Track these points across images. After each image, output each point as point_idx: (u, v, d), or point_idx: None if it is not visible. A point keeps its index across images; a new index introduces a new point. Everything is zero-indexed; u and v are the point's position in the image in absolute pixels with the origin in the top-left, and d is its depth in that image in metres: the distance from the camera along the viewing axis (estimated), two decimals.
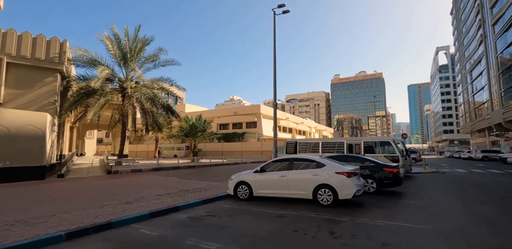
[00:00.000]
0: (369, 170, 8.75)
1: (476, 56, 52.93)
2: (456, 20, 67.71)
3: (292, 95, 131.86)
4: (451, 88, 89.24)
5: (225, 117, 44.66)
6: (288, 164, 7.49)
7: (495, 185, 10.90)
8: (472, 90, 57.85)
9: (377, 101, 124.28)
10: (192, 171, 17.95)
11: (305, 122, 58.47)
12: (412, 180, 12.82)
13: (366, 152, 13.37)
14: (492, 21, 42.16)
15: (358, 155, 9.42)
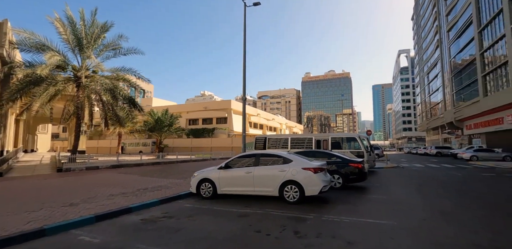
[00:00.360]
0: (335, 165, 8.72)
1: (432, 59, 57.17)
2: (416, 26, 72.46)
3: (264, 92, 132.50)
4: (410, 89, 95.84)
5: (194, 113, 43.30)
6: (255, 159, 7.13)
7: (449, 178, 11.60)
8: (429, 91, 62.60)
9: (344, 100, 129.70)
10: (156, 168, 16.93)
11: (276, 118, 58.93)
12: (375, 174, 13.23)
13: (333, 148, 13.53)
14: (447, 27, 45.63)
15: (325, 151, 9.40)
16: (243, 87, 14.06)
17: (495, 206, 6.36)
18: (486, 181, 10.66)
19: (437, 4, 50.68)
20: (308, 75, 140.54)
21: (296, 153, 9.27)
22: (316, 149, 14.00)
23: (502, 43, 28.59)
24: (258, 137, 16.02)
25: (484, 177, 12.14)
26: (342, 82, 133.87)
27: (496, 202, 6.75)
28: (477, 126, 37.55)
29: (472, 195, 7.77)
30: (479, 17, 33.58)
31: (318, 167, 6.54)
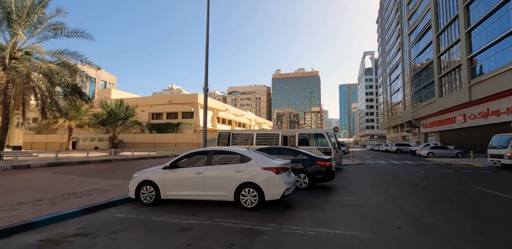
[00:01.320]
0: (302, 163, 7.89)
1: (394, 61, 60.19)
2: (380, 28, 75.88)
3: (234, 87, 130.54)
4: (374, 89, 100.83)
5: (158, 106, 40.52)
6: (207, 158, 5.95)
7: (413, 176, 11.48)
8: (390, 92, 66.06)
9: (313, 98, 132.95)
10: (104, 166, 14.92)
11: (245, 114, 57.90)
12: (342, 172, 12.82)
13: (300, 144, 12.83)
14: (408, 31, 48.01)
15: (291, 148, 8.57)
16: (205, 77, 12.70)
17: (465, 207, 5.94)
18: (448, 178, 10.65)
19: (400, 9, 53.12)
20: (279, 72, 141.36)
21: (259, 149, 8.27)
22: (283, 145, 13.19)
23: (456, 48, 30.43)
24: (222, 131, 14.80)
25: (444, 174, 12.27)
26: (311, 80, 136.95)
27: (463, 202, 6.38)
28: (432, 125, 40.14)
29: (439, 195, 7.42)
30: (437, 22, 35.54)
31: (281, 166, 5.56)
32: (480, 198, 6.84)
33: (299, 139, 12.86)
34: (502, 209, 5.72)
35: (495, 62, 23.70)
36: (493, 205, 6.05)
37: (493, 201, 6.45)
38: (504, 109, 23.99)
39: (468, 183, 9.26)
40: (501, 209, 5.72)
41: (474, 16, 26.54)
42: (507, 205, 6.07)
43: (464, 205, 6.05)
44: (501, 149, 13.95)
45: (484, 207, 5.86)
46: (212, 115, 42.89)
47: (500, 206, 5.99)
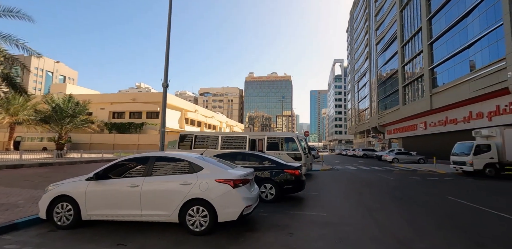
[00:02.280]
0: (268, 171, 6.85)
1: (362, 69, 62.73)
2: (350, 38, 79.08)
3: (206, 88, 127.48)
4: (342, 95, 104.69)
5: (121, 105, 37.37)
6: (147, 166, 4.63)
7: (383, 183, 11.05)
8: (358, 98, 68.70)
9: (285, 102, 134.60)
10: (40, 170, 12.63)
11: (216, 116, 56.19)
12: (312, 179, 12.07)
13: (269, 149, 11.87)
14: (376, 41, 50.19)
15: (257, 153, 7.49)
16: (165, 72, 11.25)
17: (451, 224, 5.29)
18: (419, 187, 10.32)
19: (369, 19, 55.53)
20: (252, 75, 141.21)
21: (219, 155, 7.09)
22: (251, 149, 12.13)
23: (419, 58, 32.01)
24: (184, 133, 13.32)
25: (413, 181, 12.05)
26: (284, 84, 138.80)
27: (447, 217, 5.77)
28: (396, 131, 41.94)
29: (417, 208, 6.81)
30: (402, 34, 37.35)
31: (240, 177, 4.43)
32: (459, 211, 6.32)
33: (268, 143, 11.89)
34: (491, 227, 5.15)
35: (454, 73, 25.06)
36: (478, 221, 5.49)
37: (476, 215, 5.92)
38: (461, 118, 25.39)
39: (440, 193, 8.90)
40: (491, 227, 5.14)
41: (436, 29, 28.04)
42: (490, 220, 5.55)
43: (449, 222, 5.40)
44: (464, 156, 14.23)
45: (469, 224, 5.26)
46: (180, 116, 40.70)
47: (486, 222, 5.44)
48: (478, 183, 11.48)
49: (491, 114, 21.55)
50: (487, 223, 5.29)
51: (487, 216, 5.79)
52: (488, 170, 13.58)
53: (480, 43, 21.44)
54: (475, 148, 13.74)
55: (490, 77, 19.98)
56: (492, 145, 13.62)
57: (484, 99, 21.98)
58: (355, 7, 70.90)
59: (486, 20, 20.54)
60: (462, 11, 23.23)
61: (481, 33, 21.08)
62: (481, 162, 13.60)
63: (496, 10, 19.41)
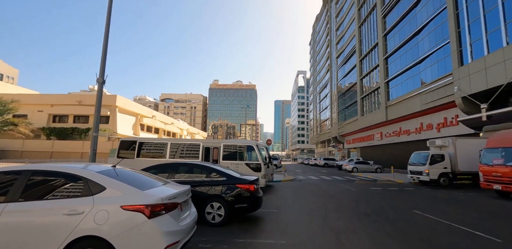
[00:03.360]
0: (216, 187, 5.49)
1: (324, 81, 65.27)
2: (312, 50, 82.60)
3: (168, 94, 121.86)
4: (305, 106, 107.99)
5: (63, 107, 32.94)
6: (15, 184, 3.00)
7: (347, 196, 10.33)
8: (319, 109, 71.03)
9: (249, 111, 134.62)
10: None
11: (176, 123, 53.14)
12: (273, 191, 10.93)
13: (226, 158, 10.51)
14: (336, 54, 52.64)
15: (204, 164, 6.00)
16: (101, 65, 9.43)
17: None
18: (383, 199, 9.77)
19: (330, 33, 58.36)
20: (217, 82, 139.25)
21: (154, 167, 5.58)
22: (204, 159, 10.63)
23: (376, 72, 33.78)
24: (125, 139, 11.32)
25: (375, 192, 11.59)
26: (248, 93, 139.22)
27: (420, 236, 4.95)
28: (355, 141, 43.49)
29: (388, 227, 5.96)
30: (360, 48, 39.44)
31: (161, 201, 3.00)
32: (431, 230, 5.59)
33: (224, 151, 10.53)
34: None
35: (407, 87, 26.57)
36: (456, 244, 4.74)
37: (451, 235, 5.20)
38: (413, 129, 26.79)
39: (405, 206, 8.35)
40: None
41: (391, 45, 29.85)
42: (468, 241, 4.84)
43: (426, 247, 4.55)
44: (420, 166, 14.37)
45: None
46: (135, 122, 37.32)
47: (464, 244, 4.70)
48: (436, 193, 11.39)
49: (439, 126, 22.94)
50: (465, 245, 4.55)
51: (463, 235, 5.11)
52: (442, 180, 13.80)
53: (430, 59, 22.99)
54: (430, 158, 13.94)
55: (439, 91, 21.33)
56: (445, 155, 13.94)
57: (433, 111, 23.40)
58: (318, 22, 74.45)
59: (435, 38, 22.13)
60: (414, 29, 24.93)
61: (430, 49, 22.64)
62: (436, 172, 13.80)
63: (443, 29, 20.97)
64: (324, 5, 65.24)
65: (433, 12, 22.32)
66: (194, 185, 5.47)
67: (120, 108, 33.36)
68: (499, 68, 15.56)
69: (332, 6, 57.23)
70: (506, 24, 15.60)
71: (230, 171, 5.99)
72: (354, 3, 41.26)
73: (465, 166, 13.68)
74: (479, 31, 17.27)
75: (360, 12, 39.48)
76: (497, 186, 9.68)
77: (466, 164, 13.67)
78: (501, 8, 15.90)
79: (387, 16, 30.91)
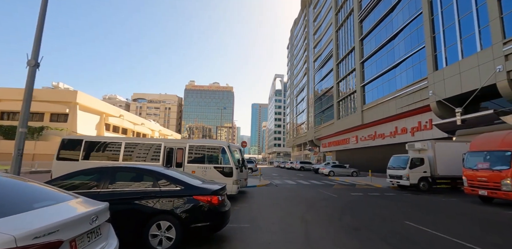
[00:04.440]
0: (166, 200, 4.05)
1: (301, 85, 65.53)
2: (290, 54, 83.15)
3: (140, 94, 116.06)
4: (282, 109, 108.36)
5: (13, 103, 29.11)
6: None
7: (329, 203, 9.29)
8: (296, 112, 71.17)
9: (226, 113, 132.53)
10: None
11: (147, 124, 50.02)
12: (246, 198, 9.60)
13: (192, 161, 9.02)
14: (313, 58, 52.94)
15: (152, 168, 4.45)
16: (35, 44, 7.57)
17: None
18: (368, 208, 8.83)
19: (307, 37, 58.82)
20: (193, 83, 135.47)
21: (76, 173, 4.03)
22: (166, 162, 9.05)
23: (352, 76, 33.98)
24: (68, 138, 9.32)
25: (357, 199, 10.69)
26: (225, 95, 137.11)
27: None
28: (330, 144, 43.52)
29: (382, 245, 4.88)
30: (337, 52, 39.73)
31: (16, 246, 1.57)
32: (433, 247, 4.58)
33: (190, 153, 9.03)
34: None
35: (383, 90, 26.70)
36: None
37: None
38: (388, 133, 26.92)
39: (394, 216, 7.43)
40: None
41: (367, 49, 30.08)
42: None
43: None
44: (400, 170, 13.85)
45: None
46: (99, 121, 34.17)
47: None
48: (419, 200, 10.76)
49: (414, 129, 23.09)
50: None
51: None
52: (422, 184, 13.35)
53: (405, 64, 23.17)
54: (410, 162, 13.44)
55: (414, 95, 21.44)
56: (425, 159, 13.55)
57: (408, 115, 23.56)
58: (296, 26, 75.10)
59: (411, 42, 22.33)
60: (390, 34, 25.15)
61: (406, 54, 22.83)
62: (416, 176, 13.33)
63: (419, 34, 21.17)
64: (302, 9, 65.88)
65: (409, 17, 22.58)
66: (134, 197, 4.00)
67: (82, 105, 30.26)
68: (473, 72, 15.66)
69: (310, 10, 57.81)
70: (480, 30, 15.79)
71: (187, 178, 4.57)
72: (331, 8, 41.63)
73: (444, 170, 13.35)
74: (454, 36, 17.45)
75: (337, 17, 39.85)
76: (482, 191, 9.16)
77: (445, 168, 13.34)
78: (475, 14, 16.12)
79: (363, 21, 31.22)
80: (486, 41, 15.30)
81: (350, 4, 34.94)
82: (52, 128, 28.75)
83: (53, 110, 29.37)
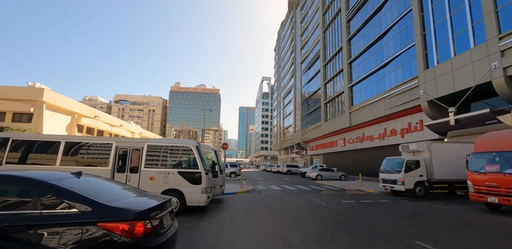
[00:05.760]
0: (47, 231, 2.37)
1: (288, 87, 64.62)
2: (277, 56, 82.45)
3: (123, 95, 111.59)
4: (269, 112, 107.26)
5: None
6: None
7: (318, 215, 7.81)
8: (283, 115, 70.09)
9: (212, 116, 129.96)
10: None
11: (126, 125, 47.28)
12: (219, 210, 7.95)
13: (150, 165, 7.29)
14: (300, 60, 52.14)
15: (24, 175, 2.79)
16: None
17: None
18: (364, 220, 7.42)
19: (294, 39, 58.15)
20: (178, 85, 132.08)
21: None
22: (119, 166, 7.27)
23: (340, 77, 33.13)
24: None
25: (350, 208, 9.28)
26: (212, 98, 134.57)
27: None
28: (318, 147, 42.45)
29: None
30: (324, 53, 38.95)
31: None
32: None
33: (148, 155, 7.30)
34: None
35: (371, 91, 25.82)
36: None
37: None
38: (376, 135, 25.99)
39: (400, 232, 6.01)
40: None
41: (355, 49, 29.29)
42: None
43: None
44: (394, 174, 12.60)
45: None
46: (70, 122, 31.49)
47: None
48: (419, 208, 9.48)
49: (403, 131, 22.20)
50: None
51: None
52: (418, 189, 12.14)
53: (394, 63, 22.36)
54: (405, 165, 12.22)
55: (404, 95, 20.55)
56: (421, 161, 12.38)
57: (398, 116, 22.68)
58: (283, 28, 74.57)
59: (400, 41, 21.55)
60: (378, 32, 24.38)
61: (395, 53, 22.01)
62: (412, 180, 12.12)
63: (409, 31, 20.40)
64: (289, 11, 65.40)
65: (398, 15, 21.84)
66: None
67: (50, 104, 27.63)
68: (467, 70, 14.80)
69: (297, 12, 57.28)
70: (474, 25, 15.01)
71: (107, 190, 2.91)
72: (319, 9, 41.00)
73: (441, 173, 12.21)
74: (445, 33, 16.65)
75: (324, 17, 39.20)
76: (492, 198, 7.94)
77: (442, 171, 12.21)
78: (468, 9, 15.36)
79: (351, 21, 30.52)
80: (480, 37, 14.49)
81: (337, 4, 34.28)
82: (13, 128, 25.92)
83: (16, 110, 26.58)
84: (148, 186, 6.97)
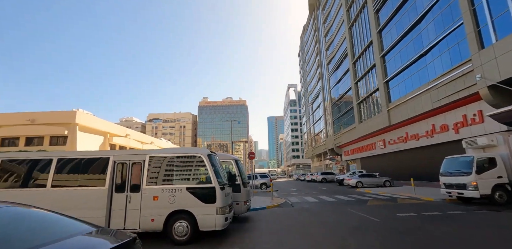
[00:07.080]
0: None
1: (315, 91, 62.07)
2: (302, 61, 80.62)
3: (155, 114, 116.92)
4: (298, 119, 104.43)
5: (12, 128, 27.99)
6: None
7: (373, 240, 5.78)
8: (313, 121, 67.16)
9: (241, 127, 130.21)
10: None
11: (157, 142, 48.19)
12: (240, 233, 6.33)
13: (153, 182, 5.96)
14: (327, 61, 49.75)
15: None
16: None
17: None
18: (443, 245, 5.25)
19: (319, 41, 56.15)
20: (206, 100, 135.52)
21: None
22: (116, 185, 6.05)
23: (373, 73, 30.35)
24: None
25: (412, 224, 7.10)
26: (239, 109, 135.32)
27: None
28: (353, 152, 39.08)
29: None
30: (352, 50, 36.43)
31: None
32: None
33: (151, 169, 5.99)
34: None
35: (412, 84, 22.84)
36: None
37: None
38: (423, 132, 22.68)
39: None
40: None
41: (387, 41, 26.59)
42: None
43: None
44: (462, 176, 9.97)
45: None
46: (103, 142, 32.45)
47: None
48: (510, 222, 6.94)
49: (457, 125, 18.87)
50: None
51: None
52: (498, 194, 9.38)
53: (438, 48, 19.44)
54: (476, 164, 9.59)
55: (455, 83, 17.50)
56: (497, 158, 9.66)
57: (447, 109, 19.47)
58: (305, 32, 73.11)
59: (442, 22, 18.73)
60: (414, 18, 21.70)
61: (438, 37, 19.14)
62: (489, 183, 9.41)
63: (452, 9, 17.63)
64: (310, 13, 64.05)
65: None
66: None
67: (82, 126, 28.65)
68: None
69: (319, 13, 55.68)
70: None
71: None
72: (342, 5, 39.01)
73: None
74: (503, 2, 13.83)
75: (349, 13, 37.01)
76: None
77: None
78: None
79: (380, 11, 28.03)
80: None
81: None
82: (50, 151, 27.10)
83: (52, 133, 27.88)
84: (151, 208, 5.64)
